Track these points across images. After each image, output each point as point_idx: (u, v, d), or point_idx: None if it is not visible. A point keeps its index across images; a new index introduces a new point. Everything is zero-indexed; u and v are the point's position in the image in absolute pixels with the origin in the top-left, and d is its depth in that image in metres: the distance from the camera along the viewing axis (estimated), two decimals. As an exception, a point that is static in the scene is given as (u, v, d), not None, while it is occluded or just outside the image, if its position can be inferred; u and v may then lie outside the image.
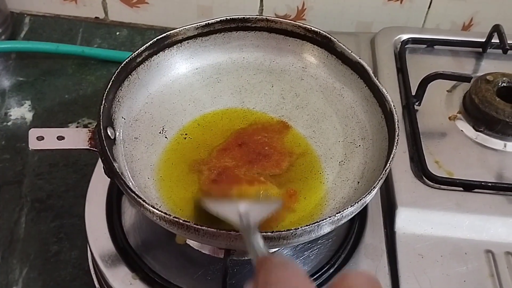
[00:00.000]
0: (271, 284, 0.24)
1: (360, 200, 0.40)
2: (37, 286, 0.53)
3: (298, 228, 0.37)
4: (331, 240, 0.49)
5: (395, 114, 0.45)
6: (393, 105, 0.46)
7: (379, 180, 0.41)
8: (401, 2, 0.75)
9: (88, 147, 0.43)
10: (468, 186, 0.51)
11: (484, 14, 0.75)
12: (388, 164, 0.42)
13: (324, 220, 0.38)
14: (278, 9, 0.77)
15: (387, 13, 0.76)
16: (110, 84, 0.46)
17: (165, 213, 0.38)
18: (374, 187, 0.41)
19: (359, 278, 0.25)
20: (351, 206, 0.39)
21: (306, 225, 0.38)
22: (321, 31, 0.52)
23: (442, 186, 0.51)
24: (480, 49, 0.66)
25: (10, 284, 0.53)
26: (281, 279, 0.25)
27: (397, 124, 0.44)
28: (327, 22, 0.78)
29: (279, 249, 0.49)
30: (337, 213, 0.39)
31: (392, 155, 0.43)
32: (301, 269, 0.26)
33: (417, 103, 0.59)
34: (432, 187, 0.51)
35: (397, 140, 0.44)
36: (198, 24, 0.52)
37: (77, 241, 0.56)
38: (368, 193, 0.40)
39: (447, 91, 0.61)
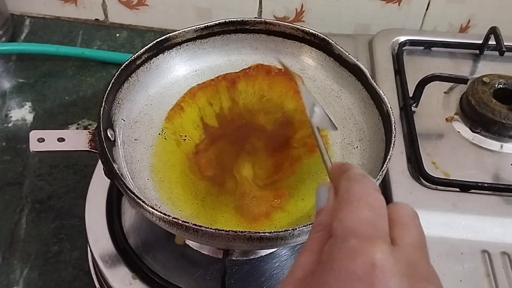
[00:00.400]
0: (352, 196, 0.26)
1: (357, 201, 0.40)
2: (38, 286, 0.54)
3: (296, 229, 0.38)
4: (329, 240, 0.50)
5: (392, 115, 0.46)
6: (390, 107, 0.46)
7: (376, 181, 0.41)
8: (399, 4, 0.75)
9: (88, 149, 0.43)
10: (465, 187, 0.52)
11: (481, 16, 0.75)
12: (385, 165, 0.43)
13: (322, 221, 0.39)
14: (277, 11, 0.78)
15: (385, 15, 0.76)
16: (110, 86, 0.46)
17: (164, 214, 0.39)
18: (371, 188, 0.41)
19: (405, 209, 0.28)
20: (348, 207, 0.40)
21: (304, 226, 0.38)
22: (319, 34, 0.53)
23: (439, 187, 0.52)
24: (477, 51, 0.67)
25: (11, 284, 0.54)
26: (362, 192, 0.27)
27: (394, 126, 0.45)
28: (326, 24, 0.78)
29: (277, 249, 0.49)
30: (334, 214, 0.39)
31: (389, 157, 0.43)
32: (375, 184, 0.28)
33: (414, 105, 0.59)
34: (429, 188, 0.52)
35: (394, 142, 0.44)
36: (197, 26, 0.53)
37: (78, 242, 0.57)
38: (365, 194, 0.41)
39: (444, 92, 0.62)
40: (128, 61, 0.49)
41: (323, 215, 0.28)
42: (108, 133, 0.45)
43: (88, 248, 0.50)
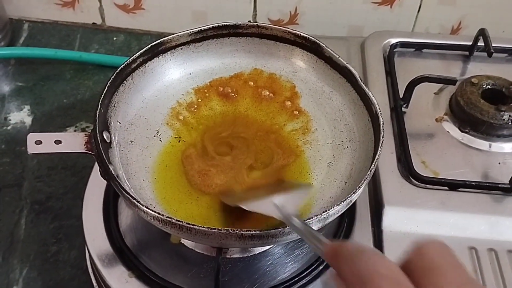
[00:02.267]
0: (361, 276, 0.24)
1: (346, 199, 0.41)
2: (37, 285, 0.55)
3: (287, 227, 0.39)
4: (320, 238, 0.51)
5: (380, 116, 0.47)
6: (379, 108, 0.48)
7: (364, 180, 0.43)
8: (391, 7, 0.76)
9: (84, 151, 0.44)
10: (453, 185, 0.53)
11: (472, 18, 0.77)
12: (373, 165, 0.44)
13: (312, 219, 0.40)
14: (271, 14, 0.79)
15: (377, 18, 0.77)
16: (105, 89, 0.48)
17: (159, 213, 0.40)
18: (359, 187, 0.42)
19: (433, 248, 0.25)
20: (337, 205, 0.41)
21: (294, 224, 0.39)
22: (310, 37, 0.54)
23: (428, 186, 0.53)
24: (467, 52, 0.68)
25: (11, 283, 0.55)
26: (371, 268, 0.24)
27: (382, 127, 0.46)
28: (320, 26, 0.79)
29: (270, 247, 0.50)
30: (323, 212, 0.40)
31: (377, 156, 0.44)
32: (377, 250, 0.25)
33: (404, 105, 0.61)
34: (418, 187, 0.53)
35: (382, 142, 0.45)
36: (191, 30, 0.54)
37: (76, 242, 0.58)
38: (353, 193, 0.42)
39: (434, 93, 0.63)
40: (124, 64, 0.50)
41: None
42: (104, 135, 0.46)
43: (86, 247, 0.52)
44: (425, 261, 0.24)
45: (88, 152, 0.44)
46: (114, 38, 0.82)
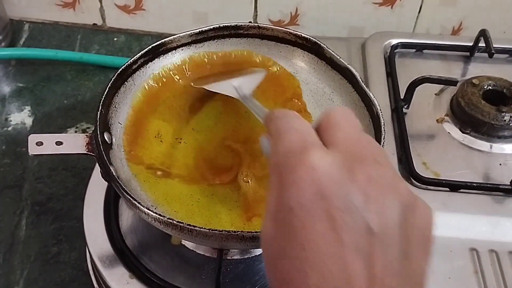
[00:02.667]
0: (279, 130, 0.29)
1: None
2: (37, 286, 0.55)
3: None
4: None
5: (381, 117, 0.47)
6: (380, 109, 0.48)
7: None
8: (392, 7, 0.76)
9: (85, 152, 0.45)
10: (454, 187, 0.53)
11: (473, 19, 0.77)
12: (374, 166, 0.44)
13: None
14: (272, 15, 0.79)
15: (378, 19, 0.77)
16: (106, 90, 0.48)
17: (160, 215, 0.40)
18: (360, 188, 0.42)
19: (334, 111, 0.30)
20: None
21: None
22: (311, 38, 0.54)
23: (429, 187, 0.53)
24: (468, 53, 0.68)
25: (11, 285, 0.55)
26: (286, 123, 0.29)
27: (383, 128, 0.46)
28: (320, 27, 0.79)
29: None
30: (324, 213, 0.40)
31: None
32: (295, 114, 0.30)
33: (405, 106, 0.61)
34: (419, 188, 0.53)
35: (383, 143, 0.45)
36: (192, 31, 0.54)
37: (76, 243, 0.58)
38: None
39: (435, 94, 0.63)
40: (125, 65, 0.50)
41: (271, 158, 0.30)
42: (105, 136, 0.46)
43: (87, 249, 0.52)
44: (329, 120, 0.29)
45: (89, 153, 0.44)
46: (115, 39, 0.82)
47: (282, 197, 0.26)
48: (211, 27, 0.54)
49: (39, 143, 0.44)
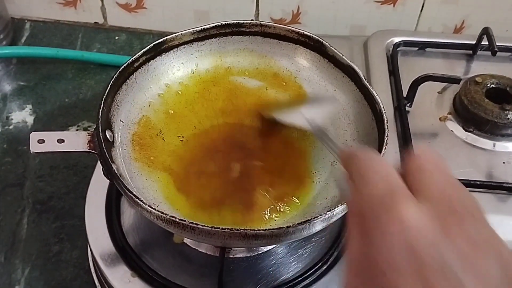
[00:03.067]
0: (362, 173, 0.27)
1: (350, 198, 0.41)
2: (39, 285, 0.55)
3: (290, 226, 0.39)
4: (324, 238, 0.51)
5: (384, 115, 0.47)
6: (383, 107, 0.47)
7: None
8: (394, 6, 0.76)
9: (87, 150, 0.44)
10: (457, 185, 0.53)
11: (475, 17, 0.76)
12: (377, 164, 0.43)
13: (316, 218, 0.40)
14: (274, 13, 0.79)
15: (380, 17, 0.77)
16: (108, 88, 0.47)
17: (162, 213, 0.39)
18: (363, 186, 0.42)
19: (424, 155, 0.27)
20: (341, 205, 0.41)
21: (298, 223, 0.39)
22: (313, 36, 0.54)
23: (432, 185, 0.53)
24: (471, 51, 0.68)
25: (13, 283, 0.55)
26: (370, 166, 0.27)
27: (387, 125, 0.46)
28: (322, 26, 0.79)
29: (273, 247, 0.50)
30: (327, 212, 0.40)
31: (381, 155, 0.44)
32: (379, 155, 0.30)
33: (408, 105, 0.60)
34: (422, 187, 0.53)
35: (387, 141, 0.45)
36: (194, 29, 0.54)
37: (78, 242, 0.58)
38: (358, 192, 0.41)
39: (438, 92, 0.63)
40: (126, 63, 0.50)
41: (352, 204, 0.28)
42: (106, 134, 0.46)
43: (88, 247, 0.51)
44: (416, 164, 0.27)
45: (91, 151, 0.44)
46: (116, 38, 0.82)
47: (368, 253, 0.24)
48: (213, 25, 0.54)
49: (41, 141, 0.44)
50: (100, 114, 0.45)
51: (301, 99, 0.53)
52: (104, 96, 0.47)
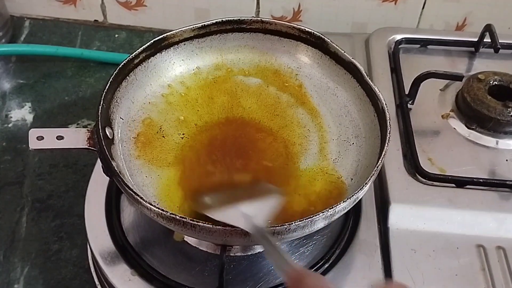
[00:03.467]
0: None
1: (353, 196, 0.41)
2: (38, 284, 0.54)
3: (292, 223, 0.38)
4: (326, 236, 0.50)
5: (387, 112, 0.46)
6: (385, 104, 0.47)
7: (371, 177, 0.42)
8: (395, 3, 0.76)
9: (87, 147, 0.44)
10: (460, 183, 0.52)
11: (477, 14, 0.76)
12: (380, 161, 0.43)
13: (318, 216, 0.39)
14: (274, 11, 0.78)
15: (381, 14, 0.77)
16: (108, 85, 0.47)
17: (162, 210, 0.39)
18: (366, 183, 0.42)
19: None
20: (343, 202, 0.40)
21: (300, 220, 0.39)
22: (315, 32, 0.53)
23: (435, 183, 0.52)
24: (473, 49, 0.67)
25: (12, 282, 0.54)
26: None
27: (389, 122, 0.45)
28: (323, 23, 0.79)
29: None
30: (329, 209, 0.40)
31: (384, 152, 0.44)
32: (327, 281, 0.28)
33: (410, 102, 0.60)
34: (424, 184, 0.52)
35: (389, 138, 0.45)
36: (194, 26, 0.53)
37: (77, 240, 0.57)
38: (360, 189, 0.41)
39: (440, 90, 0.63)
40: (126, 60, 0.49)
41: None
42: (106, 131, 0.46)
43: (88, 245, 0.51)
44: None
45: (90, 148, 0.44)
46: (116, 35, 0.82)
47: None
48: (214, 21, 0.54)
49: (40, 138, 0.43)
50: (99, 111, 0.45)
51: (240, 192, 0.45)
52: (104, 93, 0.46)
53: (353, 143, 0.50)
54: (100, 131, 0.44)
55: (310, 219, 0.39)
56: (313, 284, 0.28)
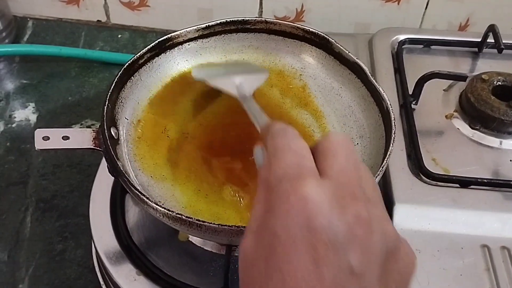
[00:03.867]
0: (276, 148, 0.29)
1: (358, 196, 0.41)
2: (43, 284, 0.54)
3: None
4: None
5: (391, 112, 0.46)
6: (390, 104, 0.47)
7: (376, 177, 0.42)
8: (398, 3, 0.76)
9: (92, 147, 0.44)
10: (464, 183, 0.52)
11: (480, 15, 0.76)
12: (385, 161, 0.43)
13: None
14: (277, 11, 0.79)
15: (384, 15, 0.77)
16: (113, 85, 0.47)
17: (168, 210, 0.39)
18: (371, 184, 0.42)
19: (332, 138, 0.29)
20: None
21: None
22: (319, 32, 0.53)
23: (439, 183, 0.52)
24: (476, 49, 0.67)
25: (17, 282, 0.54)
26: (285, 142, 0.29)
27: (394, 122, 0.46)
28: (326, 24, 0.79)
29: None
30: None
31: (388, 153, 0.44)
32: (294, 133, 0.30)
33: (414, 102, 0.60)
34: (429, 184, 0.52)
35: (394, 138, 0.45)
36: (198, 26, 0.53)
37: (82, 240, 0.58)
38: (365, 189, 0.41)
39: (443, 90, 0.63)
40: (131, 60, 0.50)
41: (262, 172, 0.30)
42: (111, 131, 0.46)
43: (93, 245, 0.51)
44: (327, 145, 0.29)
45: (96, 148, 0.44)
46: (119, 36, 0.82)
47: (269, 219, 0.26)
48: (218, 21, 0.54)
49: (46, 138, 0.44)
50: (105, 111, 0.45)
51: (235, 65, 0.55)
52: (109, 93, 0.46)
53: (357, 143, 0.50)
54: (106, 132, 0.44)
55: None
56: (280, 127, 0.31)
